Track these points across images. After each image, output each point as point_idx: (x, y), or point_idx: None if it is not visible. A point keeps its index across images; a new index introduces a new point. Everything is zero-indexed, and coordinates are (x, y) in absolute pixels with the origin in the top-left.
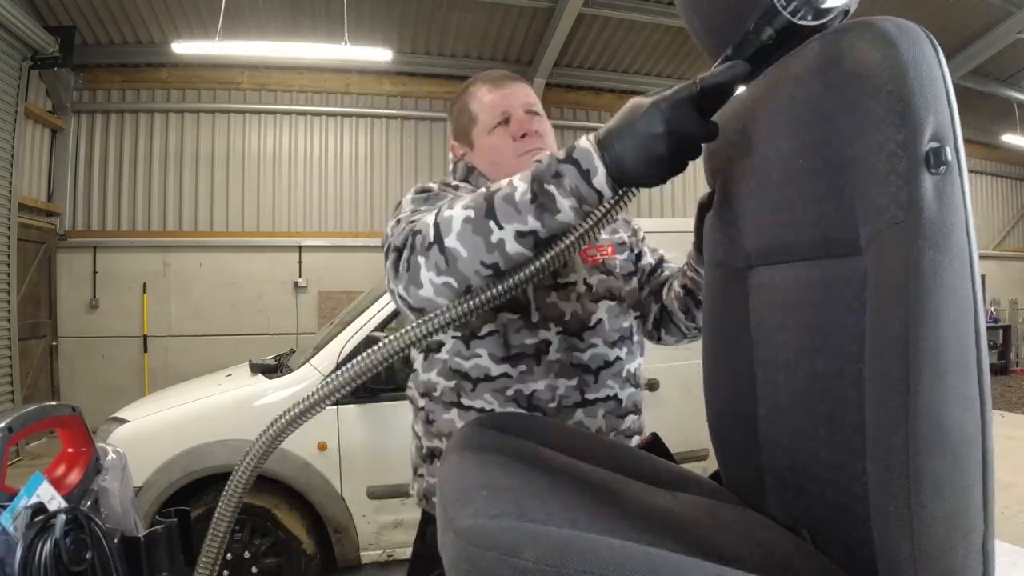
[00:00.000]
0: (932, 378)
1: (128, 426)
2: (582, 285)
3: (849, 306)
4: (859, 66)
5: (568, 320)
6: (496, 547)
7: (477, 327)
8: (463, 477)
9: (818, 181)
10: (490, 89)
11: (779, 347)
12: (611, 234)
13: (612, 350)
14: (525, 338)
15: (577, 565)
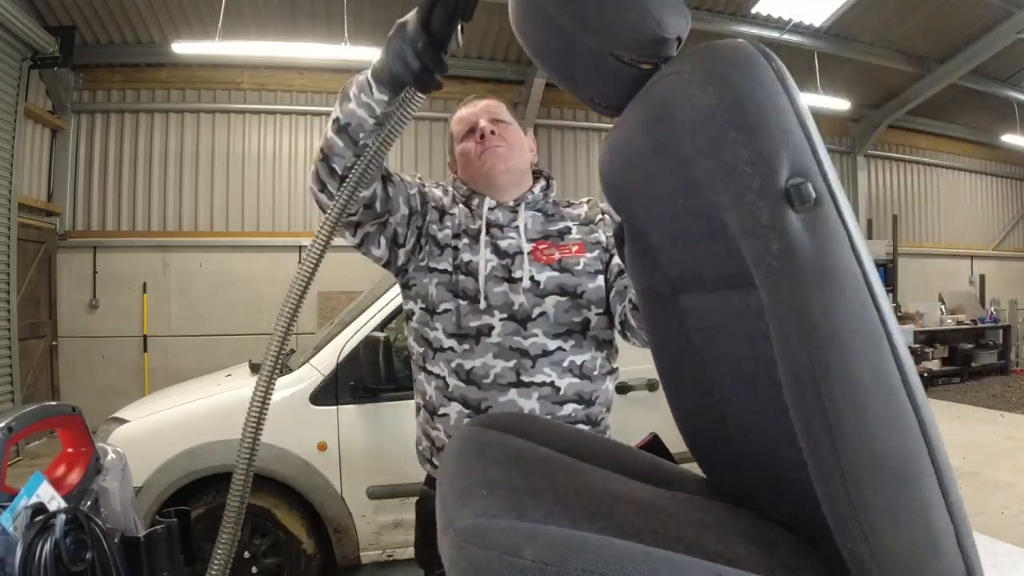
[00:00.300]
0: (853, 413)
1: (128, 426)
2: (528, 281)
3: (764, 337)
4: (696, 114)
5: (515, 310)
6: (496, 546)
7: (436, 304)
8: (463, 477)
9: (701, 221)
10: (462, 107)
11: (722, 365)
12: (586, 234)
13: (554, 341)
14: (471, 321)
15: (577, 564)
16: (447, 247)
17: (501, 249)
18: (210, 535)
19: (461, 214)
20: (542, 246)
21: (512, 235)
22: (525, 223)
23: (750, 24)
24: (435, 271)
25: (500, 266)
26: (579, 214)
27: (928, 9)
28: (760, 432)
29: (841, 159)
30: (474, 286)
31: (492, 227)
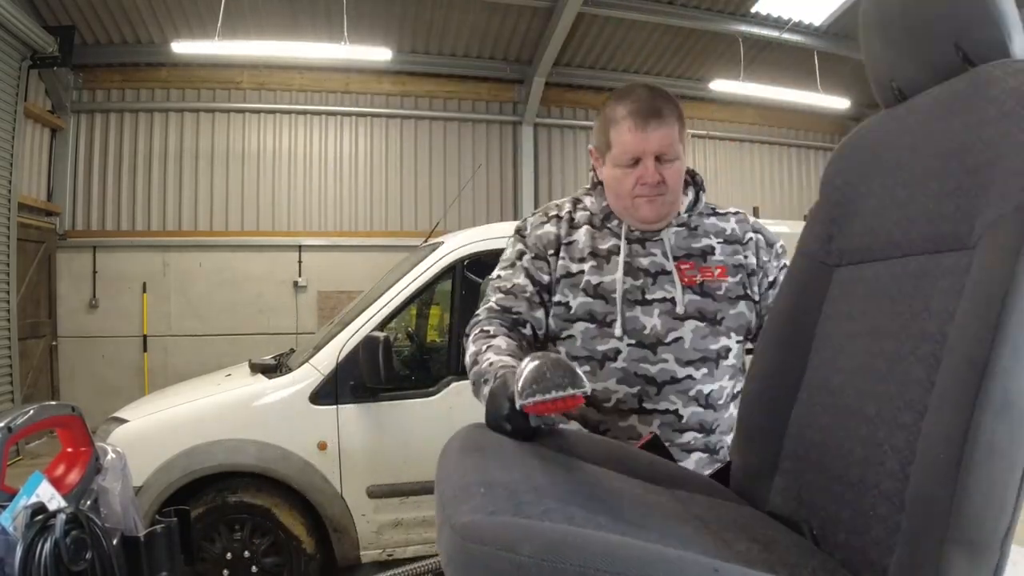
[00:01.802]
0: (1014, 350)
1: (128, 426)
2: (669, 303)
3: (942, 294)
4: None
5: (646, 334)
6: (493, 542)
7: (557, 332)
8: (461, 474)
9: (946, 180)
10: (631, 128)
11: (848, 336)
12: (729, 255)
13: (684, 368)
14: (598, 344)
15: (574, 560)
16: (564, 277)
17: (640, 268)
18: (210, 535)
19: (585, 236)
20: (684, 266)
21: (655, 251)
22: (669, 239)
23: (750, 23)
24: (554, 305)
25: (634, 287)
26: (724, 229)
27: None
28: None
29: None
30: (603, 309)
31: (632, 243)
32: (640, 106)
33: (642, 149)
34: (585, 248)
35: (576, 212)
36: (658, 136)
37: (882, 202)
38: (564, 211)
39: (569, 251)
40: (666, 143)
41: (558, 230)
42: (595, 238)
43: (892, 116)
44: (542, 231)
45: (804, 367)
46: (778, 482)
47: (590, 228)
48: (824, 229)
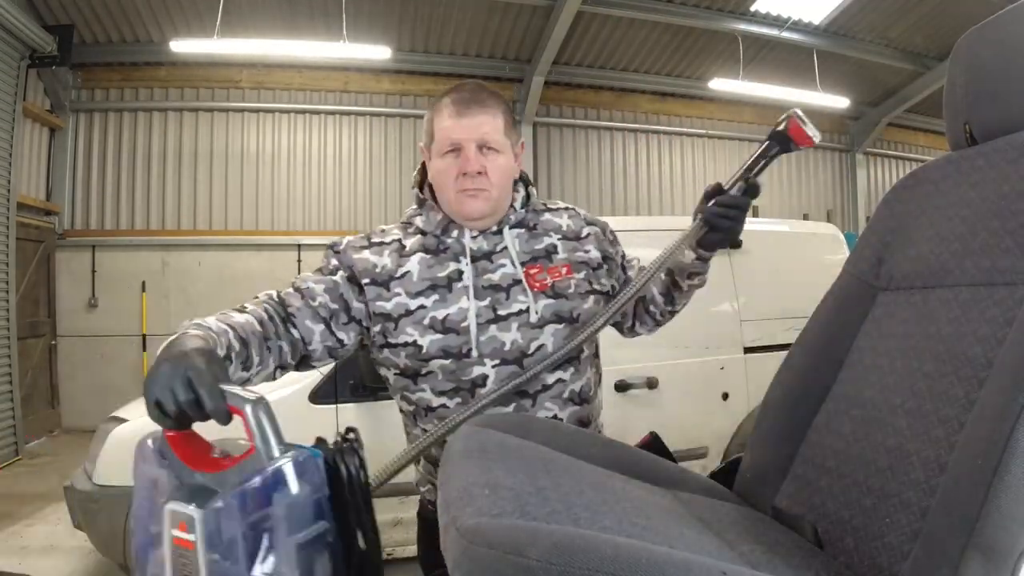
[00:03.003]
0: None
1: (127, 425)
2: (524, 314)
3: (991, 322)
4: None
5: (507, 350)
6: (500, 545)
7: (415, 370)
8: (465, 476)
9: (1009, 219)
10: (451, 115)
11: (886, 353)
12: (571, 251)
13: (553, 374)
14: (462, 375)
15: (582, 563)
16: (403, 316)
17: (488, 287)
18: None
19: (418, 266)
20: (532, 270)
21: (503, 262)
22: (512, 244)
23: (749, 22)
24: (398, 346)
25: (485, 308)
26: (560, 225)
27: (927, 6)
28: (858, 423)
29: (840, 157)
30: (456, 341)
31: (476, 260)
32: (463, 95)
33: (462, 136)
34: (422, 280)
35: (407, 238)
36: (479, 123)
37: (939, 232)
38: (390, 237)
39: (404, 285)
40: (487, 130)
41: (382, 260)
42: (431, 266)
43: (961, 156)
44: (362, 255)
45: (833, 379)
46: (787, 485)
47: (424, 255)
48: (875, 252)
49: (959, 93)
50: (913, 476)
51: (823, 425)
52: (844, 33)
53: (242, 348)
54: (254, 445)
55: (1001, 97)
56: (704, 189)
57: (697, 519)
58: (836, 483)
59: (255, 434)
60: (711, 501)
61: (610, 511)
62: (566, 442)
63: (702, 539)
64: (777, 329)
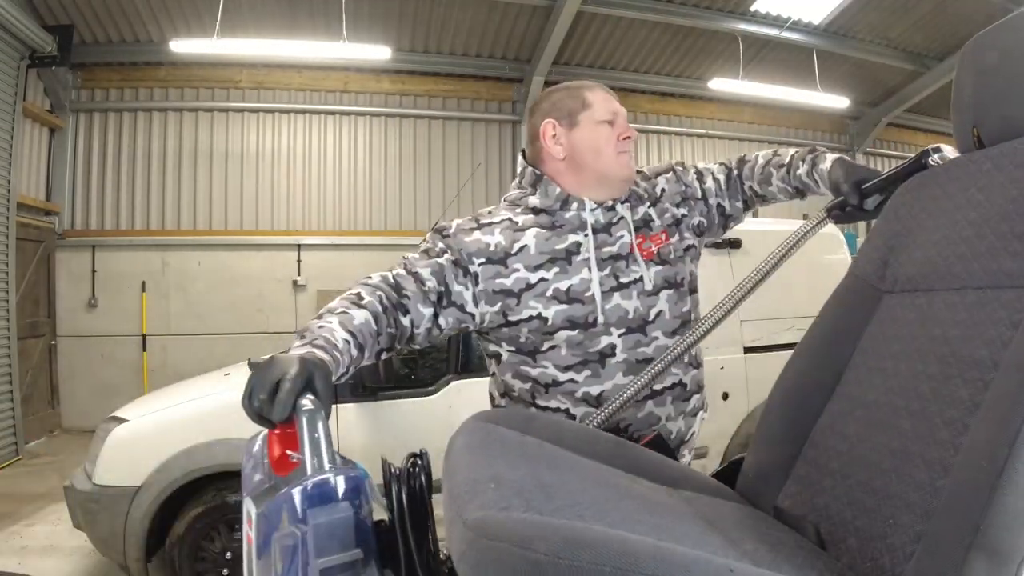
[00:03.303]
0: None
1: (127, 425)
2: (640, 282)
3: (997, 325)
4: None
5: (631, 319)
6: (507, 539)
7: (536, 346)
8: (471, 470)
9: (1016, 222)
10: (604, 94)
11: (891, 356)
12: (660, 215)
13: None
14: (589, 347)
15: (589, 558)
16: (524, 290)
17: (606, 258)
18: (209, 535)
19: (535, 241)
20: (638, 240)
21: (621, 233)
22: (627, 216)
23: (749, 21)
24: (520, 322)
25: (606, 278)
26: (642, 195)
27: (927, 6)
28: (862, 424)
29: None
30: (581, 311)
31: (596, 232)
32: (600, 84)
33: (617, 108)
34: (540, 254)
35: (517, 217)
36: (621, 105)
37: (946, 236)
38: (499, 217)
39: (523, 260)
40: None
41: (495, 238)
42: (548, 239)
43: (968, 159)
44: (472, 238)
45: (837, 380)
46: (790, 485)
47: (539, 231)
48: (880, 255)
49: (967, 96)
50: (917, 478)
51: (827, 426)
52: (844, 33)
53: (359, 355)
54: (299, 457)
55: (1009, 101)
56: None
57: (701, 518)
58: (839, 484)
59: (303, 445)
60: (714, 500)
61: (615, 508)
62: (569, 439)
63: (707, 537)
64: (777, 329)
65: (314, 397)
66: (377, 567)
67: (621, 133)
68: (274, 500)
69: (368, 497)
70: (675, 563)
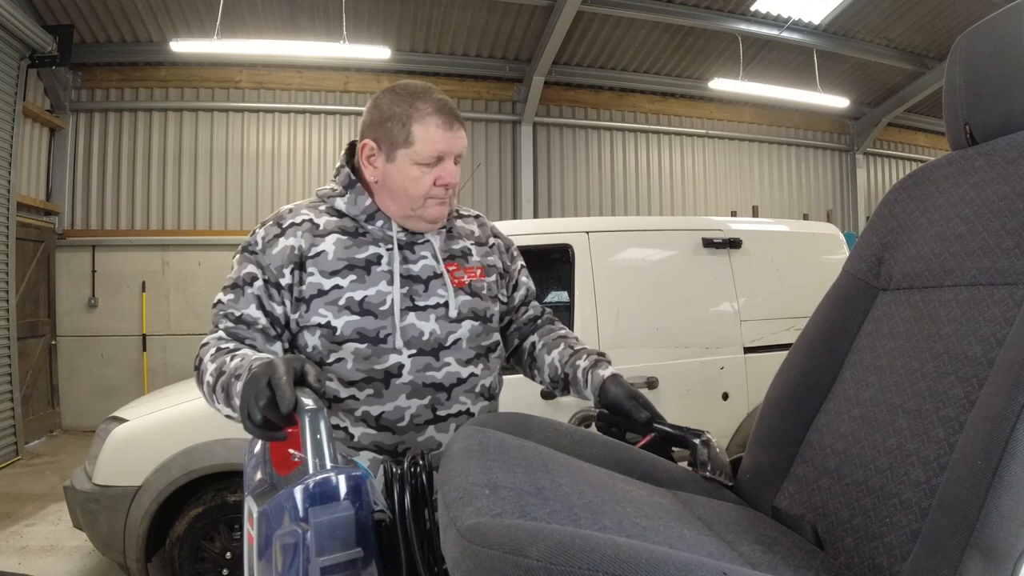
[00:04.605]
0: None
1: (127, 425)
2: (443, 307)
3: (991, 322)
4: None
5: (425, 340)
6: (500, 545)
7: (324, 355)
8: (465, 476)
9: (1009, 219)
10: (439, 124)
11: (886, 354)
12: (483, 256)
13: (467, 367)
14: (375, 363)
15: (582, 563)
16: (316, 296)
17: (408, 275)
18: (210, 535)
19: (335, 246)
20: (451, 267)
21: (425, 254)
22: (435, 242)
23: (749, 22)
24: (314, 327)
25: (404, 296)
26: (472, 231)
27: (927, 6)
28: (858, 423)
29: (840, 157)
30: (373, 325)
31: (400, 248)
32: (446, 106)
33: (448, 149)
34: (338, 260)
35: (320, 218)
36: (461, 138)
37: (939, 233)
38: (301, 217)
39: (318, 264)
40: (464, 145)
41: (297, 242)
42: (348, 247)
43: (961, 156)
44: (277, 248)
45: (833, 379)
46: (788, 485)
47: (340, 236)
48: (875, 252)
49: (958, 93)
50: (913, 476)
51: (823, 425)
52: (844, 33)
53: None
54: (302, 456)
55: (1001, 97)
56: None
57: (697, 519)
58: (836, 483)
59: (305, 444)
60: (711, 501)
61: (610, 511)
62: (566, 442)
63: (702, 539)
64: (777, 329)
65: (314, 393)
66: (378, 566)
67: (440, 178)
68: (275, 499)
69: (369, 496)
70: (668, 567)
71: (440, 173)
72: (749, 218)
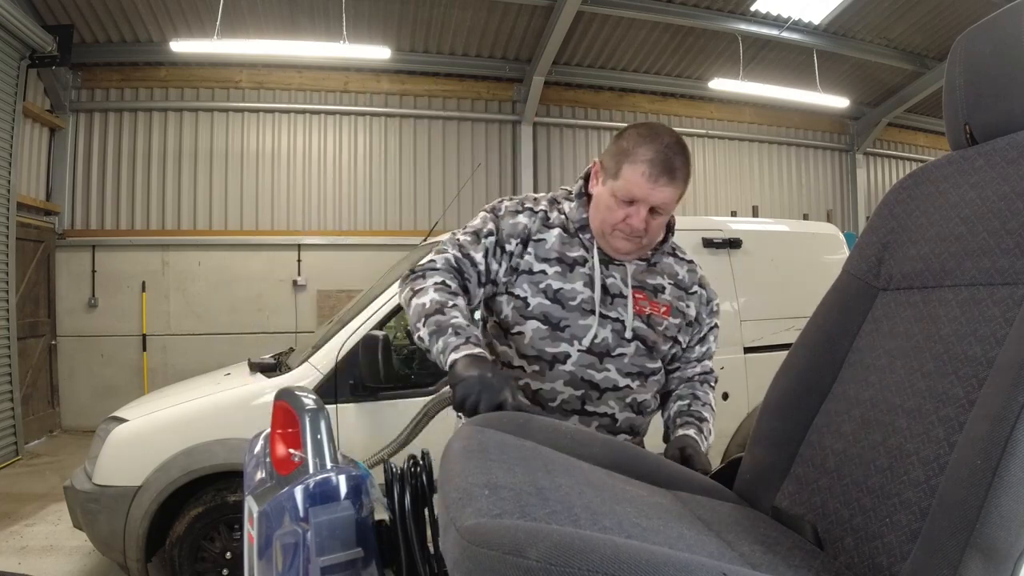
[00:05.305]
0: None
1: (127, 425)
2: (620, 324)
3: (991, 322)
4: None
5: (597, 342)
6: (500, 546)
7: (509, 325)
8: (465, 476)
9: (1009, 219)
10: (644, 175)
11: (886, 353)
12: (676, 298)
13: (624, 379)
14: (547, 346)
15: (582, 564)
16: (525, 273)
17: (603, 284)
18: (209, 535)
19: (556, 239)
20: (638, 295)
21: (615, 275)
22: (630, 268)
23: (749, 22)
24: (513, 296)
25: (591, 299)
26: (677, 273)
27: (927, 6)
28: (859, 424)
29: (840, 157)
30: (558, 313)
31: (600, 261)
32: (662, 157)
33: (644, 198)
34: (553, 251)
35: (552, 212)
36: (663, 193)
37: (939, 233)
38: (540, 207)
39: (536, 248)
40: (666, 200)
41: (530, 223)
42: (565, 243)
43: (961, 156)
44: (515, 220)
45: (833, 379)
46: (788, 485)
47: (562, 232)
48: (874, 252)
49: (958, 93)
50: (913, 476)
51: (823, 425)
52: (844, 33)
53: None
54: (302, 456)
55: (1000, 97)
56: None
57: (697, 519)
58: (836, 483)
59: (305, 444)
60: (711, 501)
61: (610, 511)
62: (566, 442)
63: (702, 539)
64: (777, 329)
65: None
66: (378, 566)
67: (628, 218)
68: (276, 498)
69: (369, 496)
70: (668, 568)
71: (629, 213)
72: (749, 218)
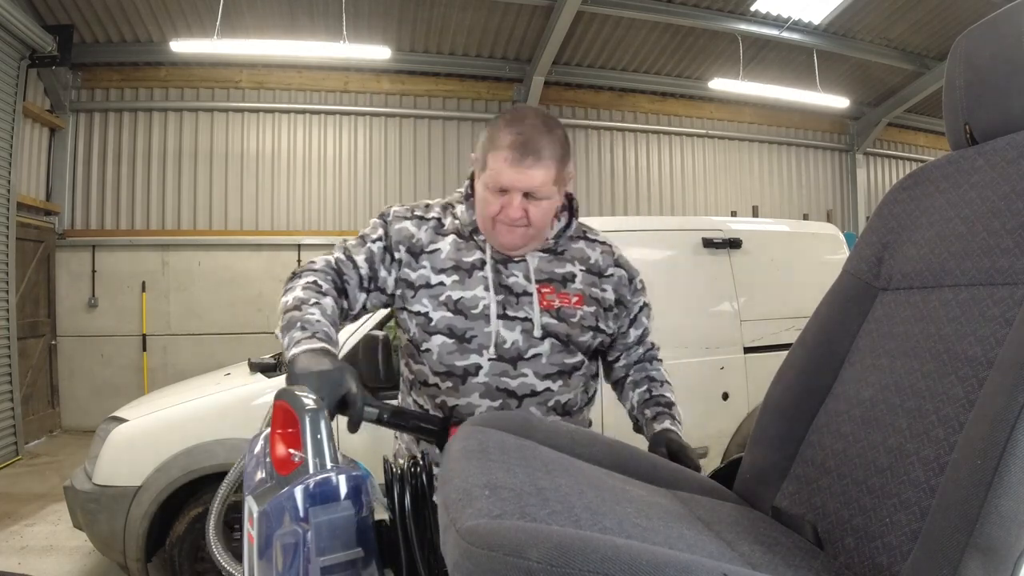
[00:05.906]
0: None
1: (127, 425)
2: (528, 323)
3: (991, 322)
4: None
5: (507, 347)
6: (500, 547)
7: (418, 342)
8: (465, 477)
9: (1009, 219)
10: (507, 160)
11: (886, 353)
12: (588, 285)
13: (543, 382)
14: (457, 359)
15: (582, 565)
16: (423, 287)
17: (503, 285)
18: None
19: (450, 247)
20: (544, 290)
21: (517, 273)
22: (532, 262)
23: (749, 22)
24: (415, 313)
25: (497, 303)
26: (588, 257)
27: (927, 6)
28: (858, 423)
29: (840, 157)
30: (462, 324)
31: (497, 261)
32: (523, 139)
33: (512, 184)
34: (448, 260)
35: (446, 217)
36: (530, 176)
37: (939, 233)
38: (432, 213)
39: (432, 260)
40: (537, 184)
41: (419, 233)
42: (460, 249)
43: (961, 156)
44: (401, 225)
45: (833, 379)
46: (788, 485)
47: (456, 239)
48: (875, 252)
49: (958, 93)
50: (913, 476)
51: (823, 425)
52: (844, 33)
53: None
54: (302, 456)
55: (1000, 97)
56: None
57: (697, 519)
58: (836, 483)
59: (305, 444)
60: (711, 501)
61: (610, 511)
62: (566, 442)
63: (702, 539)
64: (777, 329)
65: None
66: (378, 566)
67: (503, 211)
68: (276, 498)
69: (369, 496)
70: (669, 568)
71: (504, 203)
72: (749, 218)
